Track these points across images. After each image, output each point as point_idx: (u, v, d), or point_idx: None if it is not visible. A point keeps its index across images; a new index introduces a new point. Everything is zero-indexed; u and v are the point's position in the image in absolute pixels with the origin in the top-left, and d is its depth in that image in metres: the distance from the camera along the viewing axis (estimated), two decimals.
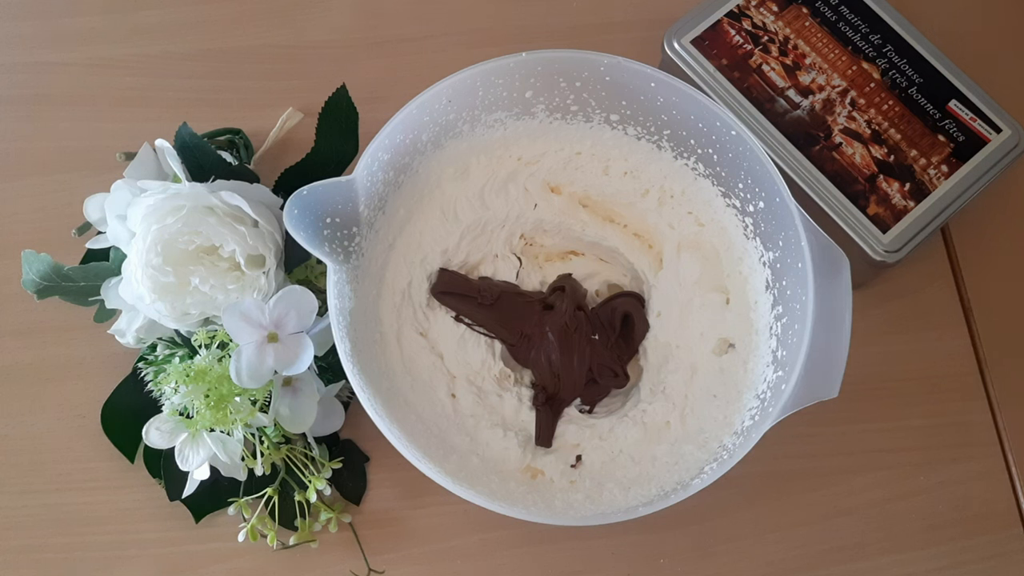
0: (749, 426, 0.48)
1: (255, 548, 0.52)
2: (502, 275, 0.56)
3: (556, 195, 0.56)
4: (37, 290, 0.52)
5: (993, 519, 0.56)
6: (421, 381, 0.52)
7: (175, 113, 0.56)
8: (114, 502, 0.54)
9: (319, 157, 0.56)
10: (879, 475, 0.56)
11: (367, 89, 0.57)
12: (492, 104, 0.52)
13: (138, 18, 0.65)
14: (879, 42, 0.60)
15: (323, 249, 0.46)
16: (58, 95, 0.63)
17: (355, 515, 0.54)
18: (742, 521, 0.55)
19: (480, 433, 0.52)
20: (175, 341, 0.52)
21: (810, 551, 0.55)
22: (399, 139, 0.50)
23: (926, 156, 0.57)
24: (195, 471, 0.49)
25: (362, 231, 0.49)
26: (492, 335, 0.54)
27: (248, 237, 0.49)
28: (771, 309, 0.50)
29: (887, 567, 0.55)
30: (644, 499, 0.48)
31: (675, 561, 0.54)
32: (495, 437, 0.51)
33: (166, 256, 0.49)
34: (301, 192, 0.45)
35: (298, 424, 0.50)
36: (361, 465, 0.55)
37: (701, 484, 0.45)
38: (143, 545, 0.53)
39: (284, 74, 0.64)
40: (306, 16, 0.66)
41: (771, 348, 0.50)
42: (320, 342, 0.50)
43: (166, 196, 0.49)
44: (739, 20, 0.61)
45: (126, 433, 0.54)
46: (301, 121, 0.61)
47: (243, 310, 0.48)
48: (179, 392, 0.49)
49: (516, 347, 0.54)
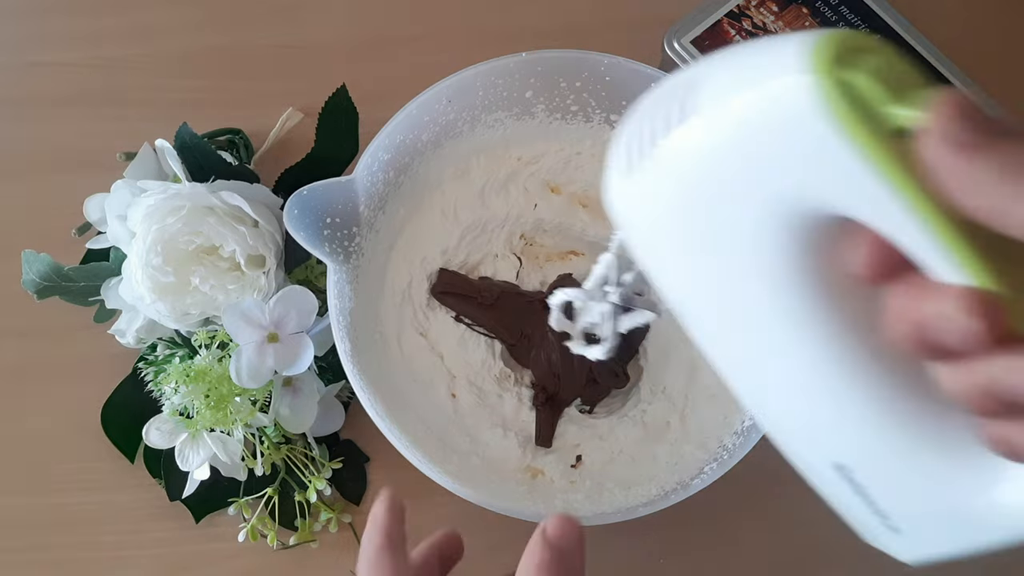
0: (749, 426, 0.48)
1: (255, 548, 0.52)
2: (502, 275, 0.56)
3: (556, 195, 0.56)
4: (37, 290, 0.52)
5: None
6: (421, 381, 0.52)
7: (175, 113, 0.56)
8: (114, 502, 0.54)
9: (319, 157, 0.56)
10: None
11: (367, 89, 0.57)
12: (492, 104, 0.52)
13: (138, 18, 0.65)
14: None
15: (323, 249, 0.46)
16: (58, 95, 0.63)
17: (355, 515, 0.54)
18: (742, 521, 0.55)
19: (480, 433, 0.52)
20: (175, 341, 0.52)
21: (810, 551, 0.55)
22: (399, 139, 0.50)
23: None
24: (195, 471, 0.50)
25: (362, 231, 0.49)
26: (492, 335, 0.54)
27: (248, 237, 0.49)
28: None
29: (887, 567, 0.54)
30: (644, 499, 0.48)
31: (675, 561, 0.54)
32: (495, 437, 0.51)
33: (166, 256, 0.49)
34: (301, 192, 0.45)
35: (298, 424, 0.50)
36: (361, 465, 0.55)
37: (701, 484, 0.45)
38: (143, 545, 0.53)
39: (284, 74, 0.64)
40: (306, 16, 0.66)
41: None
42: (320, 342, 0.51)
43: (166, 196, 0.49)
44: (739, 20, 0.61)
45: (126, 433, 0.54)
46: (301, 121, 0.61)
47: (243, 310, 0.48)
48: (179, 392, 0.49)
49: (516, 347, 0.54)
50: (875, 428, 0.26)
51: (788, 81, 0.20)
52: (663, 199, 0.25)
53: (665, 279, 0.27)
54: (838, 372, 0.25)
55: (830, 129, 0.20)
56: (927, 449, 0.25)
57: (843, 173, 0.20)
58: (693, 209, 0.24)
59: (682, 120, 0.23)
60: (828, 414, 0.26)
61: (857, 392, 0.25)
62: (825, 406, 0.26)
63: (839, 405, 0.26)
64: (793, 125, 0.21)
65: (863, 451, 0.26)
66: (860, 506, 0.28)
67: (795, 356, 0.26)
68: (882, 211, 0.20)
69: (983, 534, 0.26)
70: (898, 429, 0.26)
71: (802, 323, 0.25)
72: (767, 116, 0.21)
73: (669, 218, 0.25)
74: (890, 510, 0.27)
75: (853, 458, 0.27)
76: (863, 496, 0.27)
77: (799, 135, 0.21)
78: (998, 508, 0.25)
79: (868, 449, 0.26)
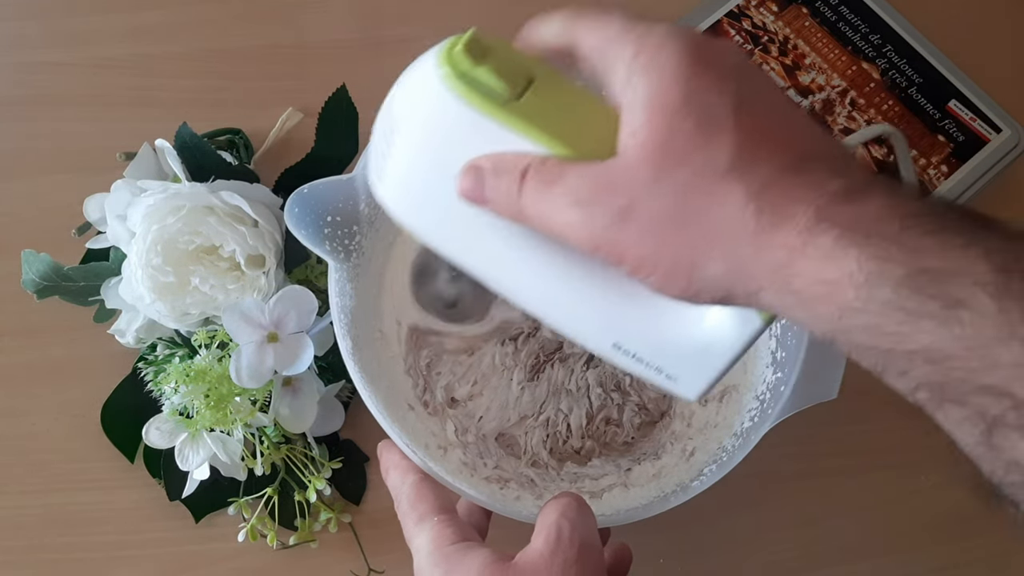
0: (748, 428, 0.48)
1: (255, 548, 0.52)
2: None
3: None
4: (37, 290, 0.52)
5: (993, 519, 0.55)
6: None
7: (175, 113, 0.56)
8: (114, 502, 0.54)
9: (319, 157, 0.56)
10: (879, 475, 0.56)
11: (367, 89, 0.56)
12: None
13: (138, 18, 0.65)
14: (879, 42, 0.60)
15: (324, 247, 0.46)
16: (58, 95, 0.63)
17: (355, 515, 0.54)
18: (742, 521, 0.55)
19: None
20: (175, 341, 0.52)
21: (810, 551, 0.55)
22: None
23: (926, 156, 0.57)
24: (195, 471, 0.49)
25: (363, 229, 0.49)
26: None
27: (248, 237, 0.49)
28: None
29: (887, 567, 0.55)
30: (644, 500, 0.48)
31: (675, 561, 0.54)
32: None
33: (166, 256, 0.49)
34: (302, 190, 0.45)
35: (298, 424, 0.50)
36: (361, 465, 0.55)
37: (701, 486, 0.45)
38: (143, 545, 0.53)
39: (284, 74, 0.64)
40: (306, 16, 0.66)
41: (770, 349, 0.50)
42: (320, 342, 0.51)
43: (166, 196, 0.49)
44: (739, 20, 0.61)
45: (126, 433, 0.54)
46: (301, 121, 0.61)
47: (243, 310, 0.48)
48: (179, 392, 0.49)
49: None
50: (616, 309, 0.34)
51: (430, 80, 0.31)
52: (407, 190, 0.34)
53: (442, 246, 0.35)
54: (567, 272, 0.33)
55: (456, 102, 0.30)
56: (655, 309, 0.33)
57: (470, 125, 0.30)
58: (428, 191, 0.33)
59: (392, 135, 0.32)
60: (586, 309, 0.34)
61: (592, 282, 0.33)
62: (580, 302, 0.34)
63: (587, 299, 0.34)
64: (437, 106, 0.31)
65: (620, 328, 0.34)
66: (644, 369, 0.34)
67: (533, 266, 0.33)
68: (489, 137, 0.30)
69: (724, 350, 0.33)
70: (626, 304, 0.33)
71: (523, 243, 0.33)
72: (426, 105, 0.31)
73: (415, 201, 0.34)
74: (661, 365, 0.34)
75: (618, 336, 0.34)
76: (641, 361, 0.34)
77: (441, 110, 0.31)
78: (717, 326, 0.33)
79: (622, 325, 0.34)
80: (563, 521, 0.36)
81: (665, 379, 0.34)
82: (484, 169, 0.30)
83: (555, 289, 0.34)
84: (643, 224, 0.28)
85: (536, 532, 0.37)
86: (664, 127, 0.27)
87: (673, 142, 0.27)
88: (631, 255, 0.29)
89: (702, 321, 0.33)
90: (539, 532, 0.37)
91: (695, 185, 0.27)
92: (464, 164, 0.31)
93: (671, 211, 0.28)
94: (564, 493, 0.38)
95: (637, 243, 0.28)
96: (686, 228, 0.28)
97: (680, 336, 0.33)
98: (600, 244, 0.29)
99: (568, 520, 0.36)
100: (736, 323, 0.33)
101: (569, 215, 0.29)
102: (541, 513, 0.37)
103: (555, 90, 0.31)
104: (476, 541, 0.38)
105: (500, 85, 0.30)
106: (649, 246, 0.28)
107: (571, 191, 0.29)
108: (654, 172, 0.28)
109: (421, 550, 0.38)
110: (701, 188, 0.27)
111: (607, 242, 0.29)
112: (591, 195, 0.28)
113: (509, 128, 0.30)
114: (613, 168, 0.28)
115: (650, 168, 0.28)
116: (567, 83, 0.32)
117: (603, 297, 0.34)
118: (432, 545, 0.37)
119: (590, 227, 0.29)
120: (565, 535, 0.36)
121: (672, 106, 0.27)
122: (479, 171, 0.31)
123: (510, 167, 0.30)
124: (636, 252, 0.28)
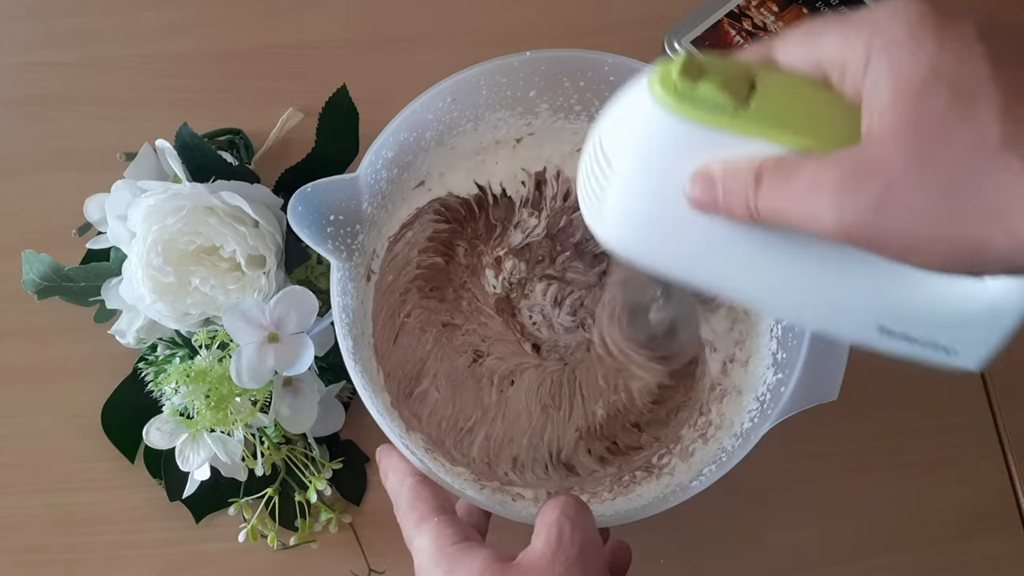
0: (748, 428, 0.48)
1: (255, 548, 0.52)
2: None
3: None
4: (37, 290, 0.52)
5: (993, 519, 0.56)
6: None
7: (175, 113, 0.56)
8: (114, 502, 0.54)
9: (319, 157, 0.56)
10: (879, 475, 0.56)
11: (367, 89, 0.57)
12: (496, 103, 0.52)
13: (138, 18, 0.65)
14: None
15: (326, 246, 0.46)
16: (58, 95, 0.63)
17: (355, 515, 0.54)
18: (742, 521, 0.55)
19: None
20: (175, 341, 0.52)
21: (810, 551, 0.55)
22: (403, 136, 0.50)
23: None
24: (195, 471, 0.49)
25: (365, 228, 0.49)
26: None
27: (249, 237, 0.49)
28: None
29: (887, 567, 0.55)
30: (644, 501, 0.48)
31: (675, 561, 0.54)
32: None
33: (166, 256, 0.49)
34: (305, 189, 0.45)
35: (298, 424, 0.50)
36: (361, 465, 0.55)
37: (700, 486, 0.45)
38: (143, 545, 0.53)
39: (284, 74, 0.64)
40: (306, 16, 0.66)
41: (771, 350, 0.50)
42: (320, 342, 0.51)
43: (166, 196, 0.49)
44: (739, 20, 0.61)
45: (126, 433, 0.54)
46: (301, 121, 0.61)
47: (243, 310, 0.48)
48: (179, 392, 0.49)
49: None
50: (878, 292, 0.33)
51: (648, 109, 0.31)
52: (633, 221, 0.34)
53: (676, 268, 0.35)
54: (814, 265, 0.33)
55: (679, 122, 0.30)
56: (925, 286, 0.32)
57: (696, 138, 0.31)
58: (658, 218, 0.33)
59: (608, 173, 0.33)
60: (843, 297, 0.33)
61: (844, 269, 0.32)
62: (833, 292, 0.33)
63: (841, 288, 0.33)
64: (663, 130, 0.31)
65: (885, 310, 0.33)
66: (918, 349, 0.34)
67: (775, 265, 0.33)
68: (726, 148, 0.30)
69: (1006, 314, 0.32)
70: (888, 285, 0.33)
71: (762, 245, 0.32)
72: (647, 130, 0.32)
73: (644, 232, 0.34)
74: (937, 339, 0.33)
75: (886, 318, 0.33)
76: (913, 340, 0.33)
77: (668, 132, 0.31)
78: (993, 291, 0.32)
79: (887, 307, 0.33)
80: (564, 520, 0.36)
81: (943, 354, 0.34)
82: (715, 174, 0.30)
83: (803, 284, 0.34)
84: (908, 208, 0.27)
85: (536, 532, 0.37)
86: (913, 106, 0.26)
87: (927, 120, 0.26)
88: (897, 241, 0.28)
89: (977, 290, 0.32)
90: (539, 532, 0.37)
91: (965, 162, 0.26)
92: (691, 173, 0.31)
93: (942, 192, 0.27)
94: (563, 493, 0.38)
95: (904, 228, 0.27)
96: (963, 208, 0.27)
97: (954, 307, 0.33)
98: (854, 232, 0.28)
99: (568, 519, 0.36)
100: (1015, 284, 0.31)
101: (813, 207, 0.28)
102: (540, 513, 0.37)
103: (779, 87, 0.31)
104: (477, 541, 0.38)
105: (726, 98, 0.30)
106: (922, 230, 0.27)
107: (813, 182, 0.28)
108: (911, 154, 0.27)
109: (422, 550, 0.38)
110: (972, 165, 0.26)
111: (864, 228, 0.28)
112: (838, 184, 0.28)
113: (745, 136, 0.30)
114: (861, 154, 0.28)
115: (905, 150, 0.27)
116: (789, 77, 0.31)
117: (860, 282, 0.33)
118: (433, 545, 0.37)
119: (839, 216, 0.28)
120: (566, 534, 0.36)
121: (919, 82, 0.26)
122: (709, 177, 0.31)
123: (743, 167, 0.30)
124: (904, 237, 0.27)
